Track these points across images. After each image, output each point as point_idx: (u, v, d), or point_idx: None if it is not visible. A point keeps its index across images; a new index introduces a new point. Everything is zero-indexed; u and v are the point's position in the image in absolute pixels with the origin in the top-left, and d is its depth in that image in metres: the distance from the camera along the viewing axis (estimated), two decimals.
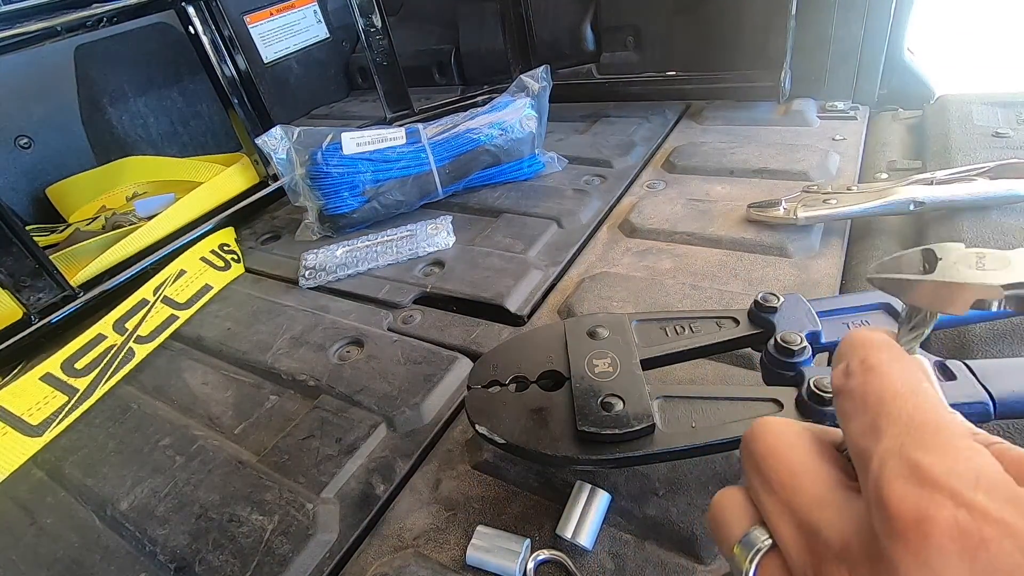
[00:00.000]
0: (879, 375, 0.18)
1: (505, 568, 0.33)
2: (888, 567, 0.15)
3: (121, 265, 0.70)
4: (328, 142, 0.69)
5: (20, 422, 0.50)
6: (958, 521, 0.14)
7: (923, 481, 0.15)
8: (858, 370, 0.19)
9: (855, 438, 0.18)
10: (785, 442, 0.20)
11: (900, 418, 0.17)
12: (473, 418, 0.35)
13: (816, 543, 0.17)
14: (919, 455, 0.15)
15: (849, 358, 0.20)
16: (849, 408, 0.19)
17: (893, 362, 0.19)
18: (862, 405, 0.18)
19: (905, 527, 0.15)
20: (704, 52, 0.89)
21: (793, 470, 0.19)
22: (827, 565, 0.17)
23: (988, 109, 0.68)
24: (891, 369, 0.18)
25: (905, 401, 0.17)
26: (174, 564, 0.38)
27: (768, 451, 0.20)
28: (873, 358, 0.19)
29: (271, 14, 1.11)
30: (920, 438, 0.16)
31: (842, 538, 0.17)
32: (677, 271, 0.55)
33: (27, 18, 0.61)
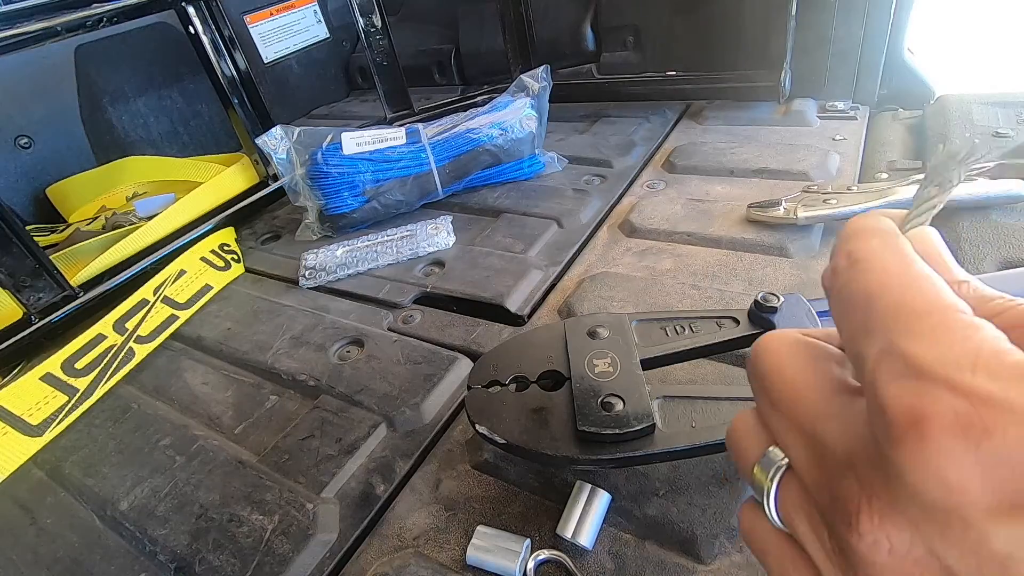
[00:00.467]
0: (865, 268, 0.17)
1: (505, 568, 0.33)
2: (894, 474, 0.14)
3: (121, 265, 0.70)
4: (328, 142, 0.69)
5: (20, 422, 0.50)
6: (956, 412, 0.13)
7: (916, 374, 0.14)
8: (844, 265, 0.17)
9: (849, 342, 0.17)
10: (784, 355, 0.19)
11: (889, 310, 0.15)
12: (473, 418, 0.35)
13: (824, 456, 0.16)
14: (909, 346, 0.14)
15: (838, 253, 0.18)
16: (839, 310, 0.17)
17: (883, 250, 0.17)
18: (850, 304, 0.17)
19: (902, 429, 0.13)
20: (704, 52, 0.89)
21: (794, 383, 0.18)
22: (837, 478, 0.16)
23: (988, 109, 0.68)
24: (880, 258, 0.17)
25: (894, 290, 0.16)
26: (174, 564, 0.38)
27: (769, 368, 0.19)
28: (860, 249, 0.17)
29: (271, 14, 1.11)
30: (910, 327, 0.14)
31: (848, 448, 0.15)
32: (677, 271, 0.55)
33: (27, 18, 0.61)
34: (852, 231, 0.19)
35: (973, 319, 0.14)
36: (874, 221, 0.19)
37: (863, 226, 0.18)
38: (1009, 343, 0.14)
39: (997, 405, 0.12)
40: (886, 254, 0.17)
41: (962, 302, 0.15)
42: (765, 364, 0.19)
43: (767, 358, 0.19)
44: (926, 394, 0.13)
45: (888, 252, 0.17)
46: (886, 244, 0.17)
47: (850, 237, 0.18)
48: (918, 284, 0.15)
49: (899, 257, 0.17)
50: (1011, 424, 0.12)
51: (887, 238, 0.17)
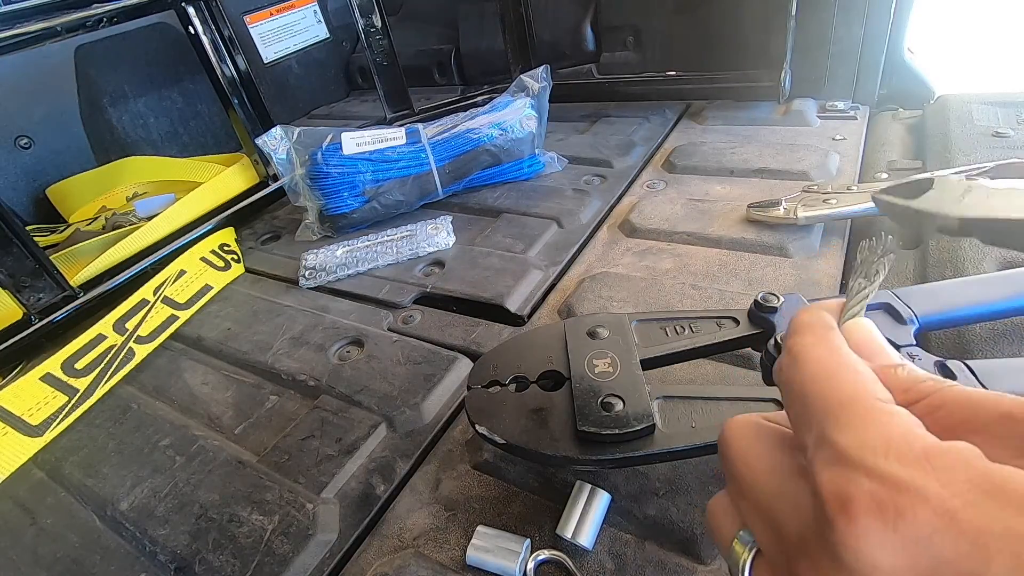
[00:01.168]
0: (800, 363, 0.19)
1: (505, 568, 0.33)
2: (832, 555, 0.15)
3: (121, 265, 0.70)
4: (328, 142, 0.69)
5: (20, 422, 0.50)
6: (873, 495, 0.14)
7: (842, 460, 0.15)
8: (785, 362, 0.20)
9: (795, 431, 0.19)
10: (746, 441, 0.21)
11: (818, 402, 0.17)
12: (473, 418, 0.35)
13: (782, 537, 0.17)
14: (835, 434, 0.16)
15: (783, 350, 0.20)
16: (785, 402, 0.19)
17: (814, 346, 0.19)
18: (791, 397, 0.19)
19: (833, 512, 0.15)
20: (704, 52, 0.89)
21: (754, 470, 0.20)
22: (795, 558, 0.17)
23: (988, 109, 0.68)
24: (811, 354, 0.19)
25: (822, 384, 0.18)
26: (174, 564, 0.38)
27: (734, 455, 0.21)
28: (796, 346, 0.20)
29: (271, 14, 1.11)
30: (836, 417, 0.16)
31: (799, 529, 0.17)
32: (677, 271, 0.55)
33: (27, 18, 0.61)
34: (794, 327, 0.21)
35: (890, 407, 0.16)
36: (814, 317, 0.21)
37: (803, 323, 0.21)
38: (920, 428, 0.15)
39: (905, 488, 0.14)
40: (818, 349, 0.19)
41: (882, 390, 0.17)
42: (730, 451, 0.21)
43: (732, 444, 0.21)
44: (850, 479, 0.15)
45: (819, 348, 0.19)
46: (819, 340, 0.19)
47: (792, 333, 0.21)
48: (843, 376, 0.17)
49: (828, 351, 0.19)
50: (918, 504, 0.14)
51: (821, 334, 0.20)
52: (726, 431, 0.22)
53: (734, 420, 0.22)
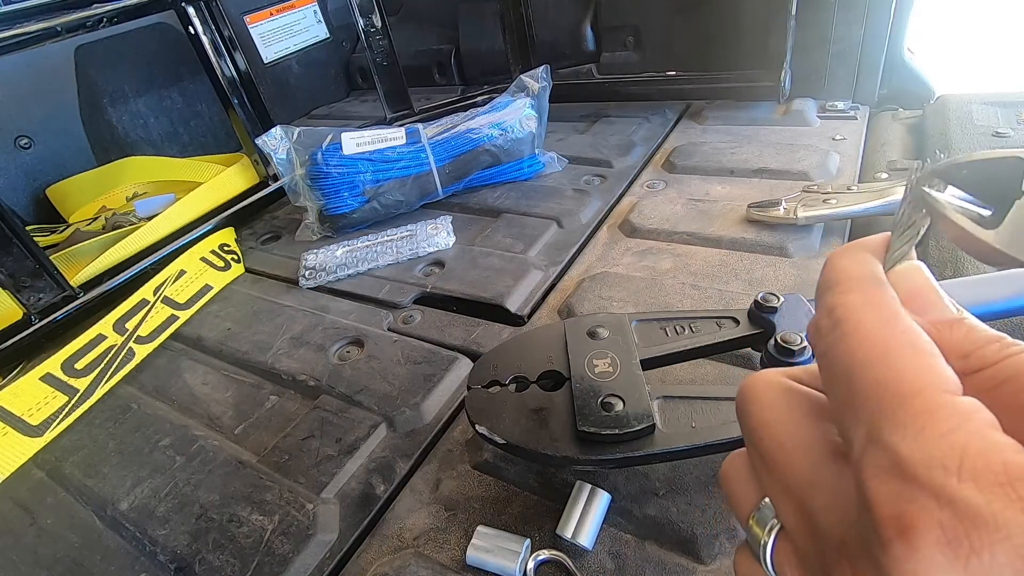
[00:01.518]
0: (845, 334, 0.16)
1: (505, 568, 0.33)
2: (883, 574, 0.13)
3: (121, 265, 0.70)
4: (328, 142, 0.69)
5: (20, 422, 0.50)
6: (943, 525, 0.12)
7: (903, 475, 0.13)
8: (826, 326, 0.16)
9: (836, 413, 0.16)
10: (773, 409, 0.18)
11: (873, 392, 0.14)
12: (473, 418, 0.35)
13: (816, 531, 0.16)
14: (895, 439, 0.13)
15: (820, 307, 0.17)
16: (825, 376, 0.16)
17: (864, 309, 0.16)
18: (833, 375, 0.16)
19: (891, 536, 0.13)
20: (704, 52, 0.89)
21: (784, 445, 0.17)
22: (830, 557, 0.15)
23: (988, 109, 0.68)
24: (860, 321, 0.16)
25: (875, 365, 0.15)
26: (174, 564, 0.38)
27: (757, 421, 0.18)
28: (841, 307, 0.16)
29: (271, 14, 1.11)
30: (894, 414, 0.14)
31: (839, 530, 0.15)
32: (677, 271, 0.55)
33: (27, 18, 0.61)
34: (833, 278, 0.17)
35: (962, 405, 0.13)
36: (858, 264, 0.17)
37: (844, 273, 0.17)
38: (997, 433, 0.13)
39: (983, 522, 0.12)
40: (867, 315, 0.16)
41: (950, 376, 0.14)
42: (753, 417, 0.18)
43: (754, 410, 0.18)
44: (913, 501, 0.13)
45: (869, 312, 0.16)
46: (867, 300, 0.16)
47: (831, 287, 0.17)
48: (901, 357, 0.14)
49: (881, 319, 0.15)
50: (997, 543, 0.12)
51: (868, 291, 0.16)
52: (748, 390, 0.19)
53: (757, 377, 0.19)
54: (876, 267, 0.17)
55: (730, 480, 0.20)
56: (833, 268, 0.18)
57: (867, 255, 0.18)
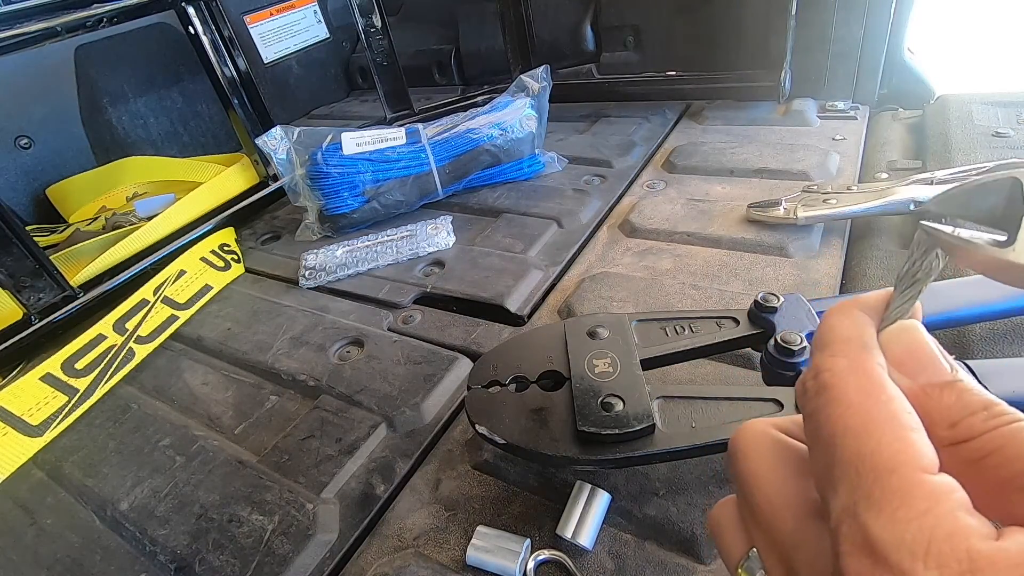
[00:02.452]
0: (830, 401, 0.16)
1: (505, 568, 0.33)
2: None
3: (121, 265, 0.70)
4: (328, 142, 0.69)
5: (20, 422, 0.50)
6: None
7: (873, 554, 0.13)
8: (812, 389, 0.17)
9: (816, 479, 0.16)
10: (762, 460, 0.18)
11: (852, 465, 0.15)
12: (473, 418, 0.35)
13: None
14: (869, 518, 0.14)
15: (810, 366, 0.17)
16: (809, 439, 0.17)
17: (850, 375, 0.16)
18: (816, 440, 0.16)
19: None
20: (704, 52, 0.89)
21: (769, 497, 0.18)
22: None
23: (988, 109, 0.68)
24: (845, 389, 0.16)
25: (857, 438, 0.15)
26: (174, 564, 0.38)
27: (747, 474, 0.19)
28: (827, 371, 0.16)
29: (271, 14, 1.11)
30: (871, 493, 0.14)
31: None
32: (677, 271, 0.55)
33: (27, 18, 0.61)
34: (825, 338, 0.18)
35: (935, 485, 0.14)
36: (850, 327, 0.17)
37: (834, 334, 0.17)
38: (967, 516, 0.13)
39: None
40: (852, 383, 0.16)
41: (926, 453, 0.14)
42: (742, 469, 0.19)
43: (744, 462, 0.19)
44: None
45: (854, 380, 0.16)
46: (853, 367, 0.16)
47: (822, 347, 0.17)
48: (881, 430, 0.15)
49: (864, 388, 0.16)
50: None
51: (855, 357, 0.16)
52: (739, 442, 0.19)
53: (747, 429, 0.19)
54: (867, 329, 0.17)
55: (720, 528, 0.20)
56: (826, 327, 0.18)
57: (860, 315, 0.18)
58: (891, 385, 0.16)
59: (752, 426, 0.20)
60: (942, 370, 0.16)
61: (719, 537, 0.20)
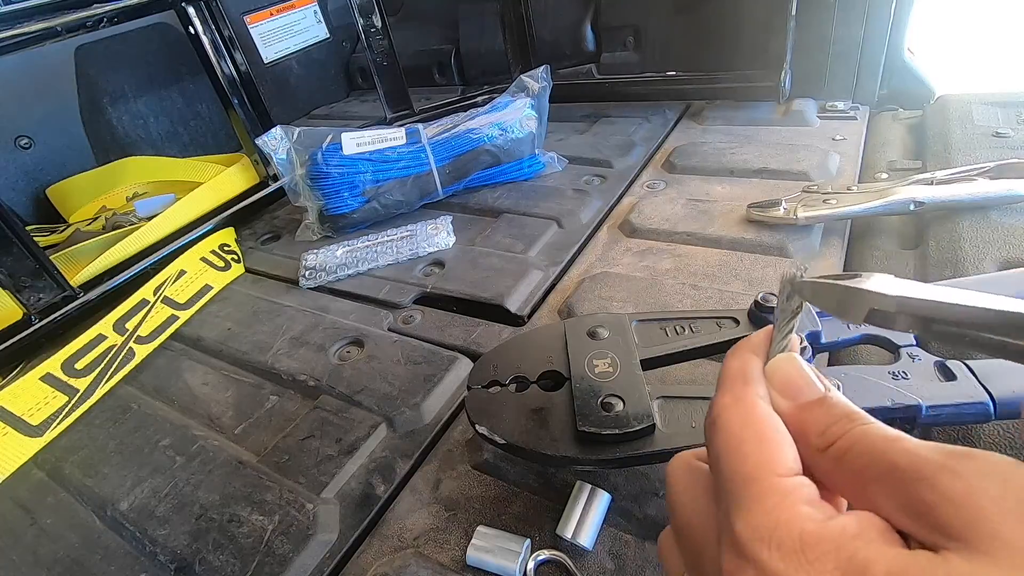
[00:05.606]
0: (717, 430, 0.19)
1: (505, 568, 0.33)
2: None
3: (121, 265, 0.70)
4: (328, 142, 0.69)
5: (20, 422, 0.50)
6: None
7: (738, 550, 0.16)
8: (708, 423, 0.20)
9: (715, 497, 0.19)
10: (681, 486, 0.21)
11: (727, 478, 0.18)
12: (473, 418, 0.35)
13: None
14: (736, 520, 0.16)
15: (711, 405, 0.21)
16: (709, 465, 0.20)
17: (731, 407, 0.19)
18: (711, 464, 0.19)
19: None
20: (704, 52, 0.89)
21: (686, 519, 0.20)
22: None
23: (988, 109, 0.68)
24: (726, 419, 0.19)
25: (731, 457, 0.18)
26: (174, 564, 0.38)
27: (672, 497, 0.21)
28: (716, 406, 0.20)
29: (271, 14, 1.11)
30: (738, 499, 0.17)
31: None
32: (677, 271, 0.55)
33: (27, 18, 0.61)
34: (721, 379, 0.21)
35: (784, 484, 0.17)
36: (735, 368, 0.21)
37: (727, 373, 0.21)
38: (805, 506, 0.16)
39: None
40: (732, 414, 0.19)
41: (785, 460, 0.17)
42: (669, 493, 0.22)
43: (670, 487, 0.22)
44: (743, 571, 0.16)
45: (734, 411, 0.19)
46: (735, 400, 0.20)
47: (719, 386, 0.21)
48: (748, 449, 0.18)
49: (741, 417, 0.19)
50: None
51: (739, 393, 0.20)
52: (668, 472, 0.22)
53: (674, 461, 0.23)
54: (751, 366, 0.21)
55: (662, 551, 0.23)
56: (724, 368, 0.22)
57: (747, 355, 0.21)
58: (762, 409, 0.19)
59: (678, 458, 0.23)
60: (815, 390, 0.20)
61: (663, 560, 0.23)
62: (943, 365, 0.31)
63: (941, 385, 0.30)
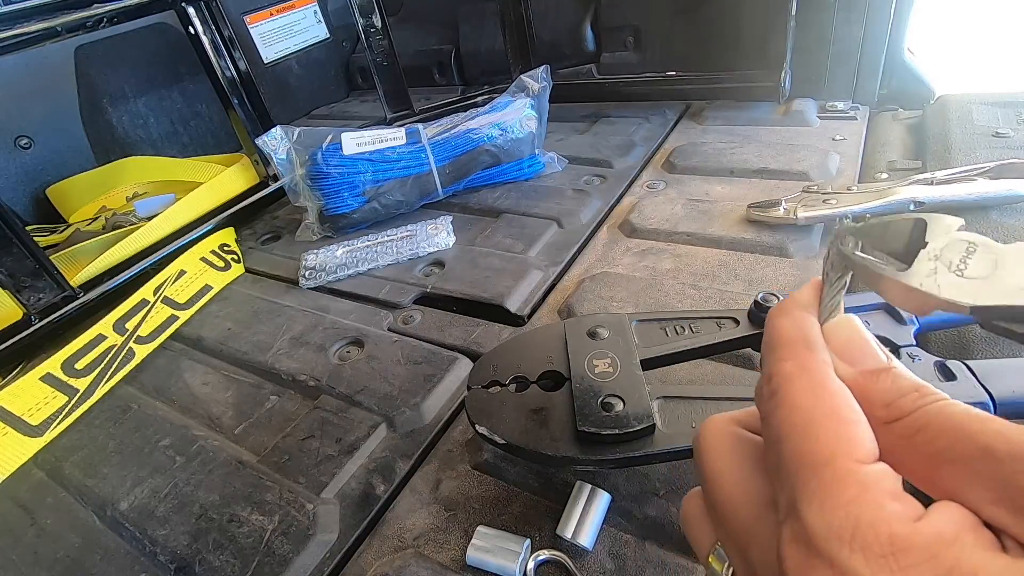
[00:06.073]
0: (779, 403, 0.17)
1: (505, 568, 0.33)
2: None
3: (121, 265, 0.70)
4: (328, 142, 0.69)
5: (20, 422, 0.50)
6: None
7: (807, 544, 0.14)
8: (765, 394, 0.18)
9: (771, 475, 0.17)
10: (724, 454, 0.19)
11: (794, 461, 0.16)
12: (473, 418, 0.35)
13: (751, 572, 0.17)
14: (804, 508, 0.15)
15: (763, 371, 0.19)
16: (764, 440, 0.18)
17: (796, 377, 0.17)
18: (769, 440, 0.17)
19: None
20: (704, 52, 0.89)
21: (728, 492, 0.19)
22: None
23: (988, 109, 0.68)
24: (791, 391, 0.17)
25: (799, 436, 0.16)
26: (174, 564, 0.38)
27: (709, 471, 0.19)
28: (776, 375, 0.18)
29: (271, 14, 1.11)
30: (806, 485, 0.15)
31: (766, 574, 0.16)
32: (677, 271, 0.55)
33: (27, 18, 0.61)
34: (772, 341, 0.19)
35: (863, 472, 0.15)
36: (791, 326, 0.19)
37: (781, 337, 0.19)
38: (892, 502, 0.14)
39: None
40: (797, 384, 0.17)
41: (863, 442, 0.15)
42: (706, 465, 0.20)
43: (707, 458, 0.20)
44: (813, 569, 0.14)
45: (800, 381, 0.17)
46: (799, 368, 0.17)
47: (771, 350, 0.19)
48: (821, 426, 0.16)
49: (809, 388, 0.17)
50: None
51: (801, 358, 0.18)
52: (702, 437, 0.20)
53: (710, 424, 0.21)
54: (810, 328, 0.19)
55: (689, 521, 0.21)
56: (772, 329, 0.19)
57: (803, 314, 0.19)
58: (834, 381, 0.17)
59: (714, 422, 0.21)
60: (878, 358, 0.18)
61: (689, 528, 0.21)
62: (943, 365, 0.31)
63: (941, 385, 0.30)
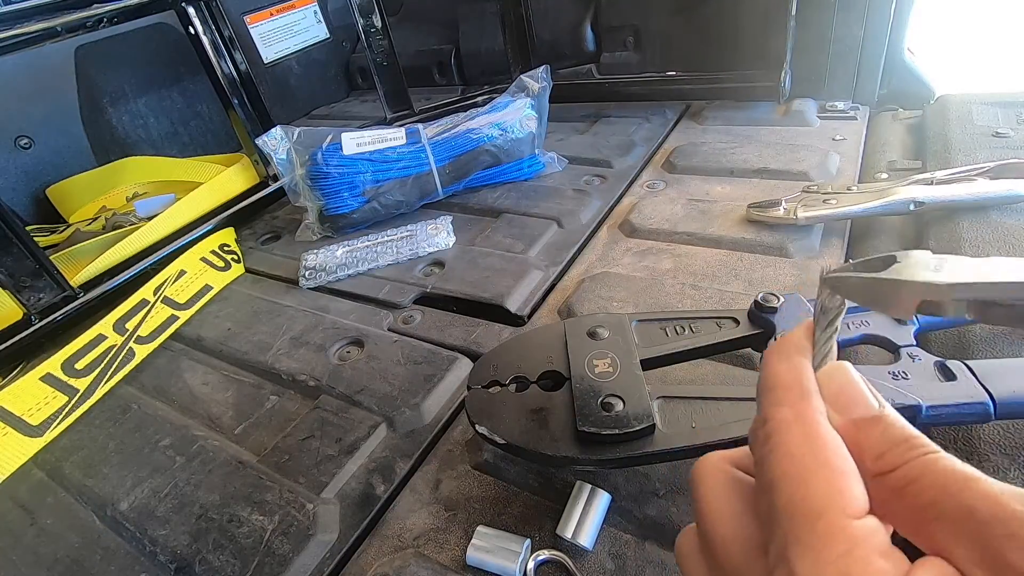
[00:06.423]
0: (774, 447, 0.17)
1: (505, 568, 0.33)
2: None
3: (121, 265, 0.70)
4: (328, 142, 0.69)
5: (20, 422, 0.50)
6: None
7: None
8: (760, 438, 0.18)
9: (761, 519, 0.18)
10: (718, 493, 0.20)
11: (787, 510, 0.16)
12: (473, 418, 0.35)
13: None
14: (795, 559, 0.15)
15: (758, 412, 0.19)
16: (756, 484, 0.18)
17: (791, 424, 0.18)
18: (762, 484, 0.18)
19: None
20: (704, 52, 0.89)
21: (720, 531, 0.19)
22: None
23: (988, 109, 0.68)
24: (787, 436, 0.17)
25: (792, 486, 0.16)
26: (174, 564, 0.38)
27: (705, 505, 0.20)
28: (772, 420, 0.18)
29: (271, 14, 1.11)
30: (798, 537, 0.15)
31: None
32: (677, 271, 0.55)
33: (27, 18, 0.61)
34: (769, 384, 0.19)
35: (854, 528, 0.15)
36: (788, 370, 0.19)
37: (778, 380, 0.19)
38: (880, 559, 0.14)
39: None
40: (792, 432, 0.17)
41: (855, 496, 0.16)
42: (701, 500, 0.20)
43: (701, 495, 0.20)
44: None
45: (795, 429, 0.17)
46: (795, 416, 0.18)
47: (767, 392, 0.19)
48: (815, 477, 0.16)
49: (804, 437, 0.17)
50: None
51: (797, 406, 0.18)
52: (696, 474, 0.21)
53: (704, 462, 0.21)
54: (806, 374, 0.19)
55: (683, 556, 0.21)
56: (770, 374, 0.19)
57: (800, 359, 0.19)
58: (828, 431, 0.17)
59: (709, 460, 0.21)
60: (870, 406, 0.18)
61: (683, 563, 0.21)
62: (943, 365, 0.31)
63: (941, 385, 0.30)
